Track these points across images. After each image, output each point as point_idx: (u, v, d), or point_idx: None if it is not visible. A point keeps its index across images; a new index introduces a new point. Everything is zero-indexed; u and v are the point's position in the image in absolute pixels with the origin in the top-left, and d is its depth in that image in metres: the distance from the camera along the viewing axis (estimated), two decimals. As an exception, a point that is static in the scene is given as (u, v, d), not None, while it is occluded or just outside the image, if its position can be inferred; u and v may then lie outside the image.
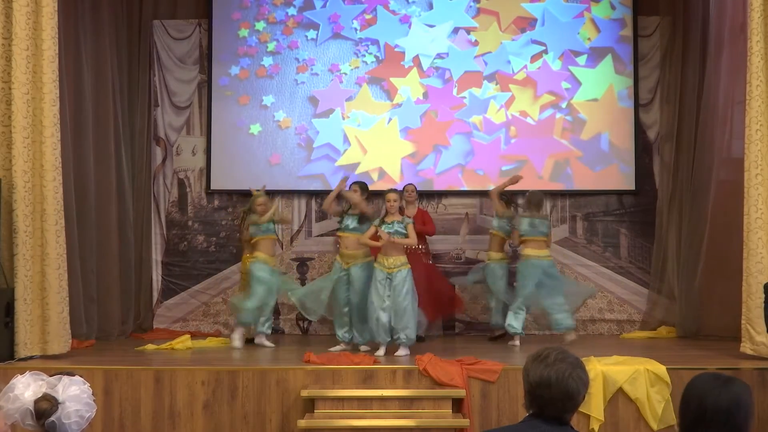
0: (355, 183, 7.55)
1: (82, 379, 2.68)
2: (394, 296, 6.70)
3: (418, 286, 6.94)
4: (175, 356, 6.93)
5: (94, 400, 2.69)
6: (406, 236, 6.84)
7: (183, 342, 7.34)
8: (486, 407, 5.84)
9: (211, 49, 8.97)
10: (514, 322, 7.44)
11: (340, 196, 7.60)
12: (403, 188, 8.08)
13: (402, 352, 6.63)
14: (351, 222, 7.17)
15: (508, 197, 8.06)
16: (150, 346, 7.24)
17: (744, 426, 2.48)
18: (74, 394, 2.59)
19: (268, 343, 7.51)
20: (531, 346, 7.32)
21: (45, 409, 2.54)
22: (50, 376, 2.67)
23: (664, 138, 8.71)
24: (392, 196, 6.99)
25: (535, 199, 7.74)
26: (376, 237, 6.91)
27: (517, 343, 7.44)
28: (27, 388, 2.57)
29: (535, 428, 2.49)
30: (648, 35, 8.86)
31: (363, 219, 7.13)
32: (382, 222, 6.90)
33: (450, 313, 8.38)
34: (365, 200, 7.31)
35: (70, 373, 2.71)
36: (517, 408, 5.74)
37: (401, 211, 7.30)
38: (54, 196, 6.30)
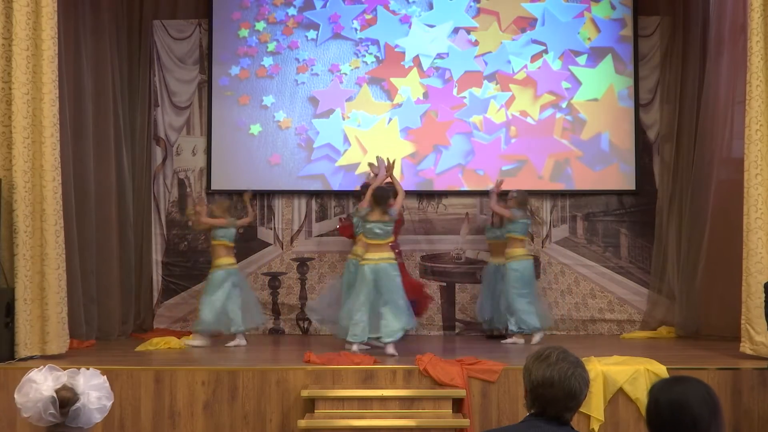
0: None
1: (98, 371, 2.75)
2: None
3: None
4: (175, 356, 6.93)
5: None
6: None
7: (167, 342, 7.37)
8: (486, 407, 5.83)
9: (211, 49, 8.97)
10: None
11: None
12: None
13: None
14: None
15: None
16: (145, 345, 7.27)
17: (698, 425, 2.42)
18: (95, 383, 2.67)
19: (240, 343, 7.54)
20: (530, 346, 7.33)
21: (68, 397, 2.59)
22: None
23: (664, 138, 8.71)
24: None
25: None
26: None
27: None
28: (46, 379, 2.62)
29: (535, 428, 2.49)
30: (648, 35, 8.86)
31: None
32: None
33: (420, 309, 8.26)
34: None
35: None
36: (517, 408, 5.74)
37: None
38: (53, 197, 6.29)
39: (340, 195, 8.82)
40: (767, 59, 6.29)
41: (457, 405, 5.78)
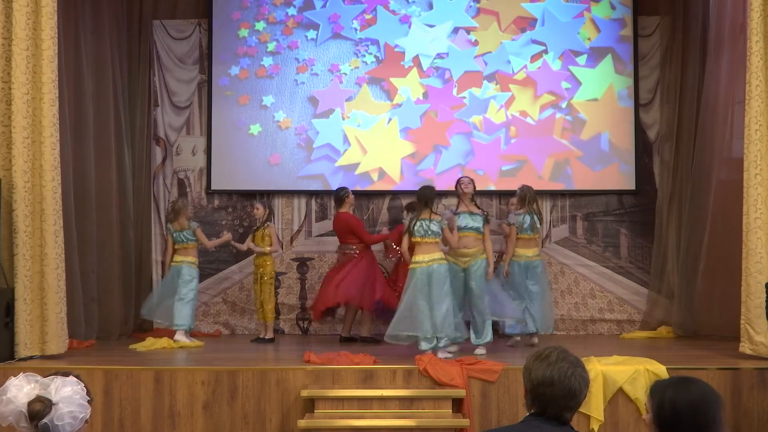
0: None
1: (75, 379, 2.67)
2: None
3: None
4: (175, 356, 6.94)
5: (89, 401, 2.68)
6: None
7: (163, 344, 7.41)
8: (486, 407, 5.84)
9: (211, 49, 8.97)
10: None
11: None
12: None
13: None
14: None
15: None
16: (139, 345, 7.30)
17: (709, 425, 2.44)
18: (66, 395, 2.59)
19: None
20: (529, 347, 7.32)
21: (38, 410, 2.55)
22: (45, 376, 2.67)
23: (664, 138, 8.72)
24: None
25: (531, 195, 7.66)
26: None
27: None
28: (20, 390, 2.58)
29: (535, 428, 2.49)
30: (648, 35, 8.86)
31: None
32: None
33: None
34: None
35: (66, 373, 2.70)
36: (517, 408, 5.75)
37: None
38: (53, 197, 6.29)
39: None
40: (767, 59, 6.29)
41: (457, 405, 5.79)
